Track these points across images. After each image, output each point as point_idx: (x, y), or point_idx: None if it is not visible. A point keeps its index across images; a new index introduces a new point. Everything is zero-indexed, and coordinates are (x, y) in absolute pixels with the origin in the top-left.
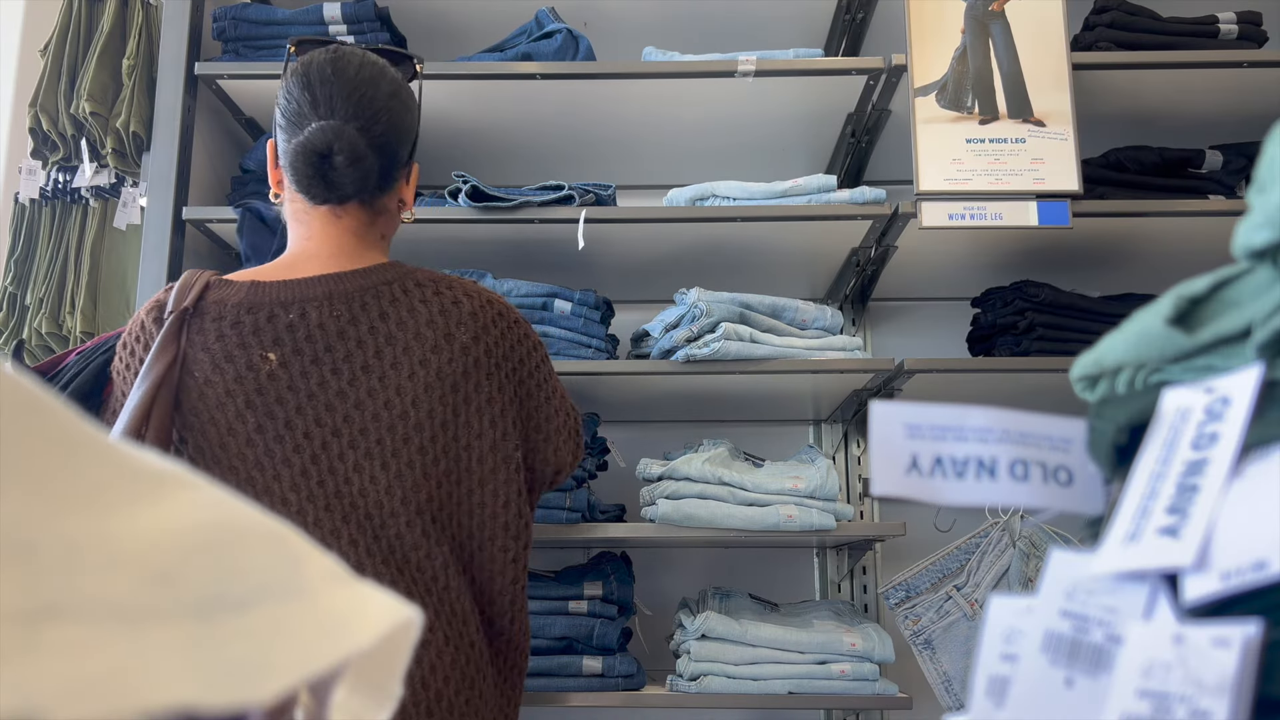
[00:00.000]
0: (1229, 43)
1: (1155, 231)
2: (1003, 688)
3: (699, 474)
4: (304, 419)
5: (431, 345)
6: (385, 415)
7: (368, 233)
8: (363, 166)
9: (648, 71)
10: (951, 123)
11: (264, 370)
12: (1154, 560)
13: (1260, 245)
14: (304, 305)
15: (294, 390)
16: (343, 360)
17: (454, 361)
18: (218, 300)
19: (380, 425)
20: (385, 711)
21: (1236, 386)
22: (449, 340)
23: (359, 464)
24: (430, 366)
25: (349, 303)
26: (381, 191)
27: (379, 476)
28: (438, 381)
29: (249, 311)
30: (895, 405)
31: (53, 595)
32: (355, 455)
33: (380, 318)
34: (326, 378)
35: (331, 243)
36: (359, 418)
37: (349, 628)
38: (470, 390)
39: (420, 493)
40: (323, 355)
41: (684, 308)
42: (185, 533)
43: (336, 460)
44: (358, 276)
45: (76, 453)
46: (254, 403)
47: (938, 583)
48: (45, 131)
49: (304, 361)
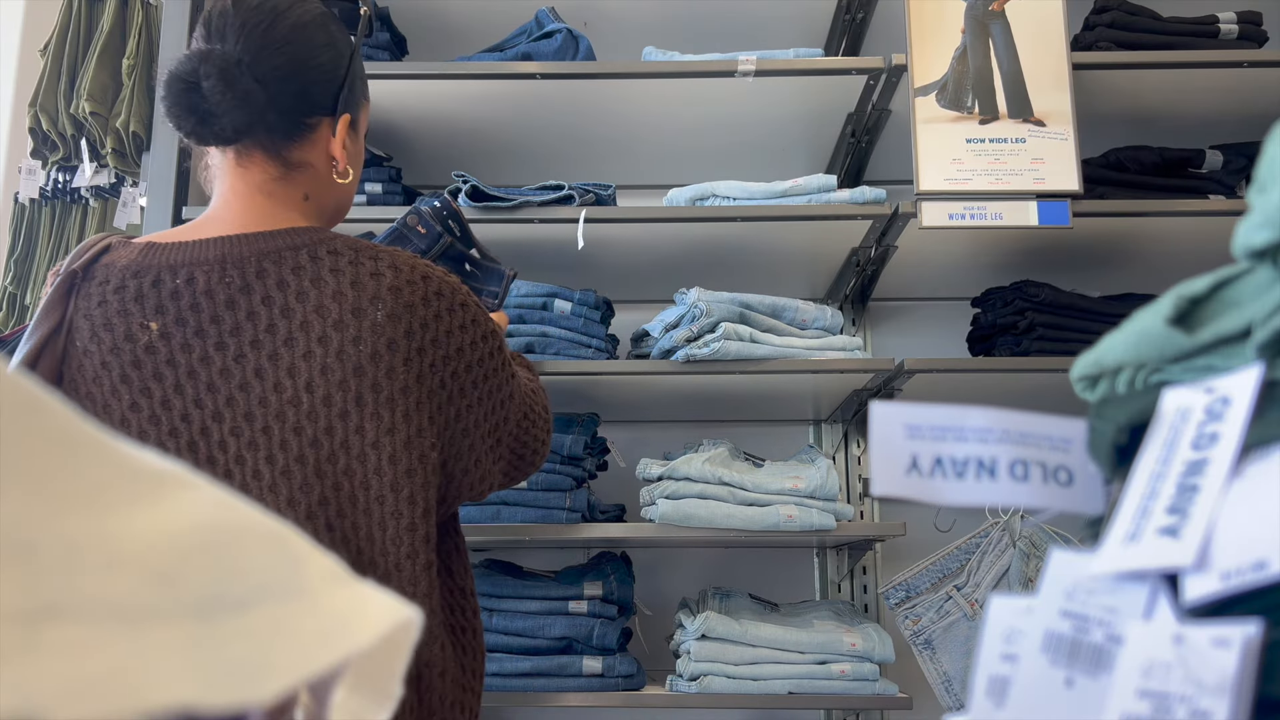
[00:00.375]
0: (1229, 43)
1: (1155, 231)
2: (1003, 688)
3: (699, 474)
4: (182, 399)
5: (334, 320)
6: (274, 400)
7: (281, 190)
8: (238, 93)
9: (648, 71)
10: (951, 122)
11: (142, 341)
12: (1154, 560)
13: (1260, 245)
14: (193, 270)
15: (173, 365)
16: (229, 334)
17: (361, 341)
18: (108, 263)
19: (267, 411)
20: (385, 711)
21: (1237, 386)
22: (357, 316)
23: (240, 455)
24: (330, 345)
25: (243, 268)
26: (288, 138)
27: (263, 471)
28: (337, 363)
29: (135, 276)
30: (895, 405)
31: (53, 595)
32: (237, 444)
33: (278, 286)
34: (210, 353)
35: (239, 201)
36: (243, 401)
37: (349, 628)
38: (380, 376)
39: (311, 493)
40: (207, 327)
41: (684, 308)
42: (185, 533)
43: (216, 450)
44: (259, 239)
45: (76, 453)
46: (129, 377)
47: (938, 583)
48: (45, 131)
49: (186, 333)
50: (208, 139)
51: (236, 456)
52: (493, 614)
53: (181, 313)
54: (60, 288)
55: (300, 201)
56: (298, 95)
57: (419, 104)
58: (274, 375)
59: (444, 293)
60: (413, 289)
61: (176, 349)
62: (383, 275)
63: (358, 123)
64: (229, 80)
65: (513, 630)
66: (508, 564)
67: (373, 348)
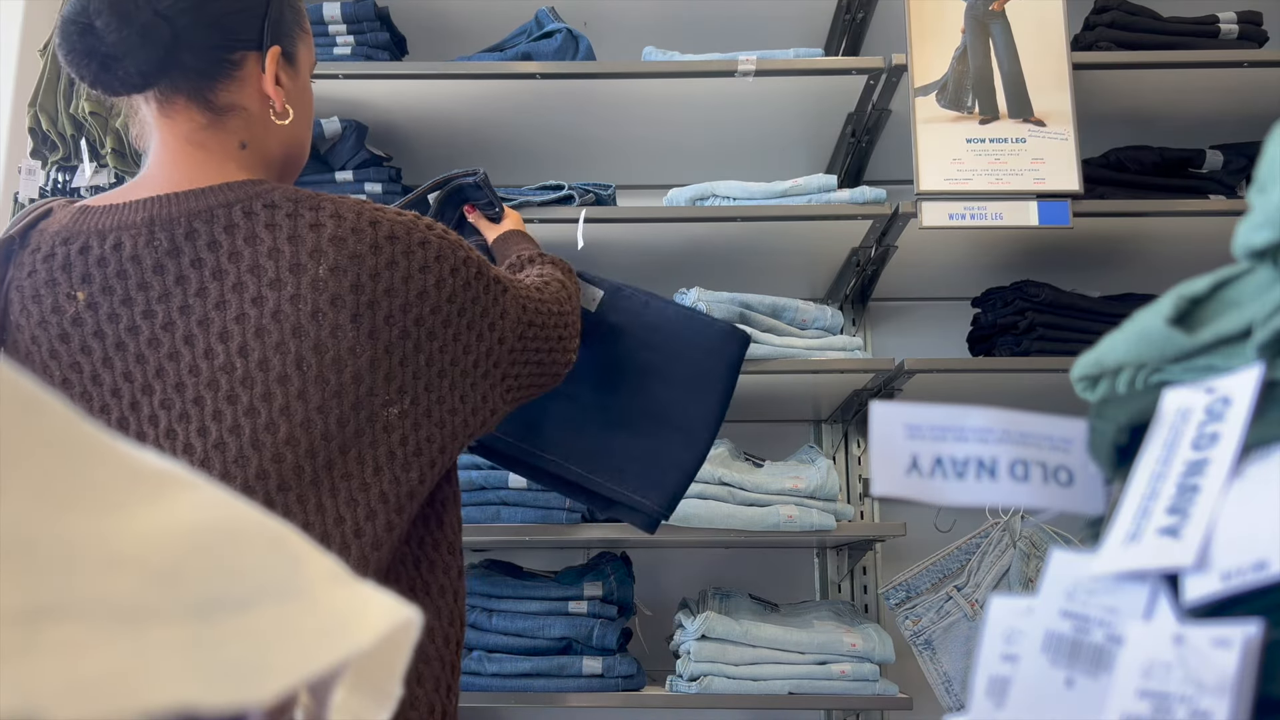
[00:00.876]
0: (1229, 42)
1: (1155, 231)
2: (1003, 688)
3: (699, 474)
4: (111, 372)
5: (270, 279)
6: (204, 367)
7: (212, 139)
8: (136, 29)
9: (648, 71)
10: (952, 122)
11: (69, 313)
12: (1154, 560)
13: (1260, 245)
14: (120, 234)
15: (100, 337)
16: (157, 300)
17: (300, 299)
18: (43, 228)
19: (199, 380)
20: (385, 712)
21: (1237, 386)
22: (296, 272)
23: (171, 428)
24: (265, 305)
25: (171, 230)
26: (210, 78)
27: (194, 444)
28: (274, 324)
29: (64, 242)
30: (895, 405)
31: (52, 595)
32: (168, 417)
33: (208, 247)
34: (137, 322)
35: (169, 155)
36: (173, 371)
37: (349, 628)
38: (323, 336)
39: (248, 466)
40: (135, 295)
41: None
42: (185, 533)
43: (146, 424)
44: (189, 198)
45: (76, 452)
46: (58, 351)
47: (938, 583)
48: (45, 131)
49: (113, 302)
50: (116, 87)
51: (167, 431)
52: (492, 614)
53: (108, 280)
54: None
55: (236, 151)
56: (211, 27)
57: (419, 104)
58: (205, 341)
59: (397, 235)
60: (359, 237)
61: (104, 319)
62: (323, 226)
63: (295, 57)
64: (123, 15)
65: (512, 630)
66: (507, 564)
67: (314, 305)
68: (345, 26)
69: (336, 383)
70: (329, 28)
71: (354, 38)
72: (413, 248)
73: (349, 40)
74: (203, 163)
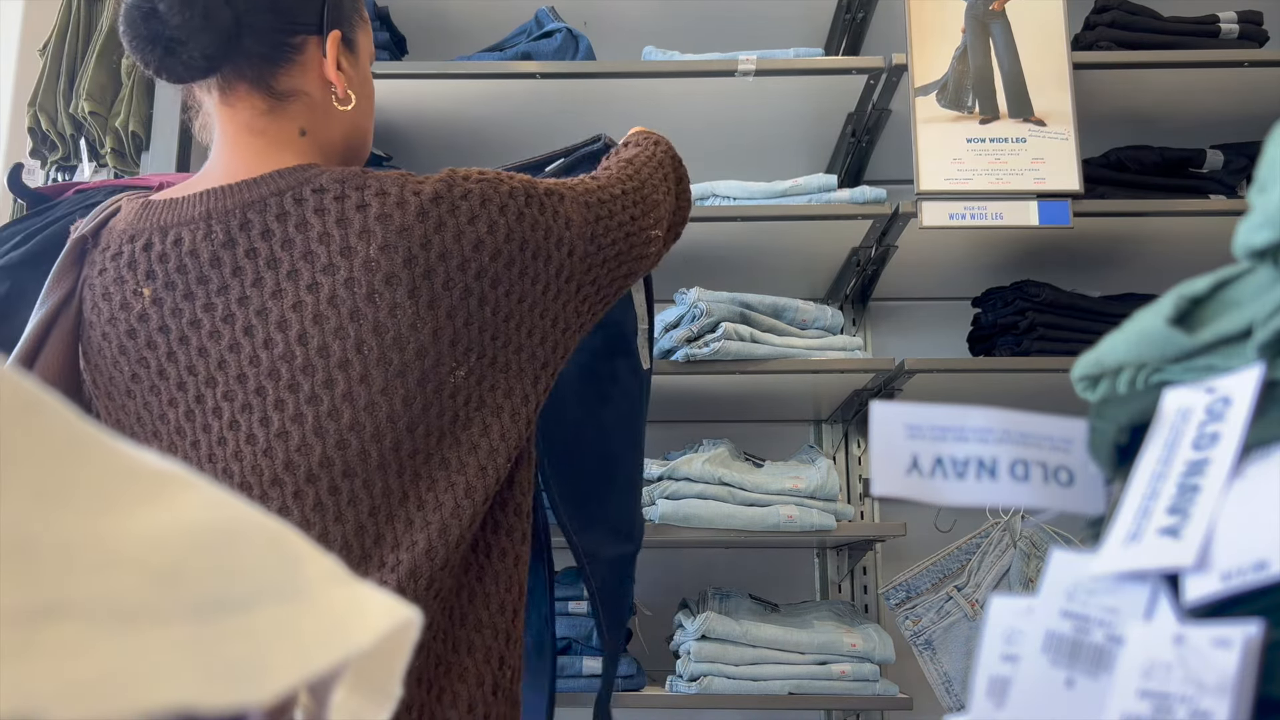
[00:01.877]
0: (1230, 42)
1: (1156, 231)
2: (1003, 688)
3: (699, 474)
4: (175, 367)
5: (324, 265)
6: (264, 357)
7: (272, 126)
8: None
9: (648, 71)
10: (952, 122)
11: (136, 309)
12: (1155, 560)
13: (1261, 245)
14: (180, 230)
15: (164, 332)
16: (216, 293)
17: (354, 283)
18: (111, 227)
19: (259, 370)
20: (385, 712)
21: (1237, 386)
22: (347, 255)
23: (234, 419)
24: (320, 291)
25: (226, 222)
26: (272, 63)
27: (257, 434)
28: (330, 310)
29: (130, 240)
30: (895, 405)
31: (52, 595)
32: (231, 409)
33: (262, 237)
34: (199, 316)
35: (228, 145)
36: (234, 362)
37: (349, 628)
38: (381, 317)
39: (311, 454)
40: (195, 289)
41: (684, 307)
42: (185, 533)
43: (210, 416)
44: (244, 189)
45: (76, 453)
46: (126, 347)
47: (938, 583)
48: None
49: (175, 297)
50: (179, 72)
51: (230, 422)
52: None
53: (169, 276)
54: (70, 254)
55: (296, 138)
56: (272, 11)
57: (419, 104)
58: (264, 331)
59: (441, 195)
60: (404, 210)
61: (167, 314)
62: (369, 206)
63: (354, 44)
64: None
65: None
66: None
67: (369, 287)
68: None
69: (400, 362)
70: None
71: None
72: (456, 202)
73: None
74: (261, 151)
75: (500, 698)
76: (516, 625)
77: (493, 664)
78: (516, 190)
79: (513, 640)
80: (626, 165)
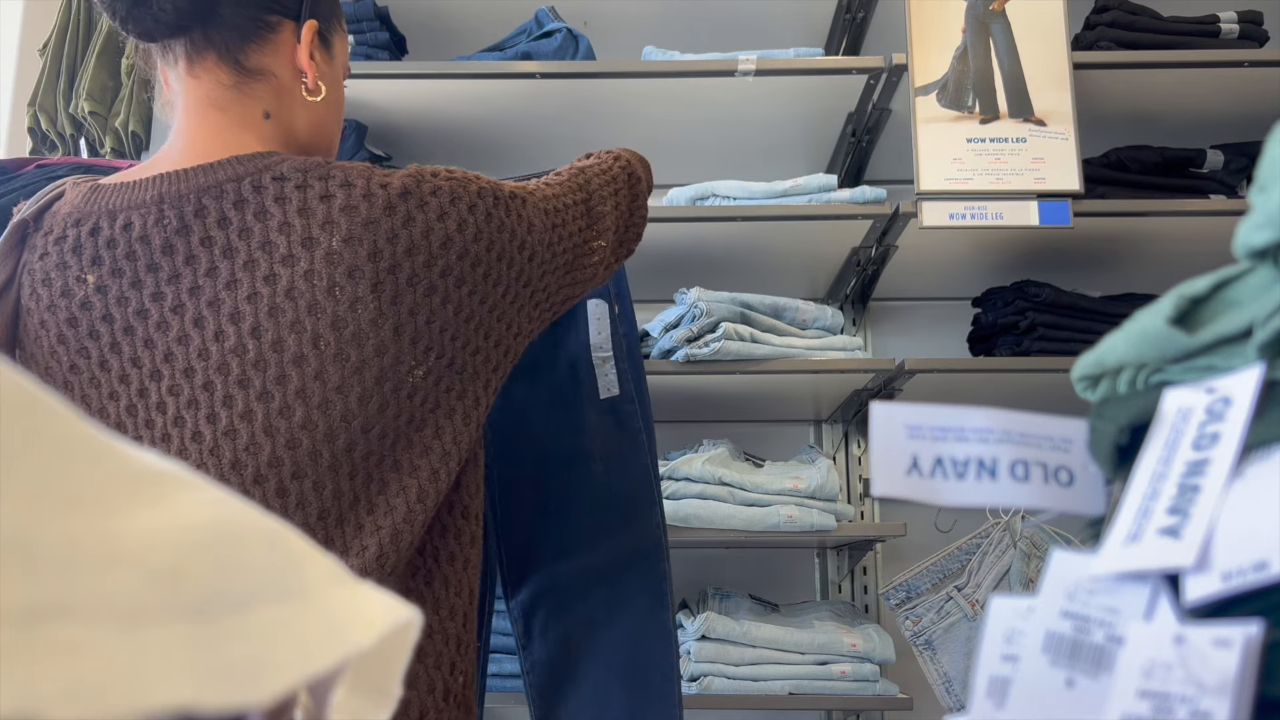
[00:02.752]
0: (1230, 42)
1: (1156, 231)
2: (1003, 688)
3: (699, 474)
4: (119, 357)
5: (283, 255)
6: (214, 350)
7: (236, 103)
8: None
9: (648, 71)
10: (952, 122)
11: (78, 296)
12: (1155, 561)
13: (1261, 245)
14: (130, 214)
15: (108, 321)
16: (166, 282)
17: (314, 275)
18: (55, 211)
19: (208, 364)
20: (385, 712)
21: (1237, 386)
22: (308, 246)
23: (179, 415)
24: (278, 283)
25: (180, 207)
26: (244, 36)
27: (203, 431)
28: (287, 302)
29: (75, 224)
30: (895, 406)
31: (51, 595)
32: (176, 404)
33: (218, 224)
34: (146, 305)
35: (189, 121)
36: (182, 355)
37: (348, 628)
38: (341, 311)
39: (260, 454)
40: (143, 276)
41: (684, 307)
42: (185, 533)
43: (154, 411)
44: (200, 173)
45: (76, 453)
46: (66, 336)
47: (938, 583)
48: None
49: (122, 285)
50: (146, 25)
51: (175, 418)
52: (495, 615)
53: (117, 262)
54: (10, 238)
55: (260, 120)
56: None
57: (419, 104)
58: (215, 323)
59: (410, 190)
60: (371, 203)
61: (112, 303)
62: (333, 196)
63: (331, 45)
64: None
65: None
66: None
67: (330, 279)
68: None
69: (358, 359)
70: None
71: (354, 37)
72: (426, 198)
73: (350, 40)
74: (222, 129)
75: (452, 703)
76: (468, 630)
77: (444, 669)
78: (485, 190)
79: (464, 645)
80: (578, 175)
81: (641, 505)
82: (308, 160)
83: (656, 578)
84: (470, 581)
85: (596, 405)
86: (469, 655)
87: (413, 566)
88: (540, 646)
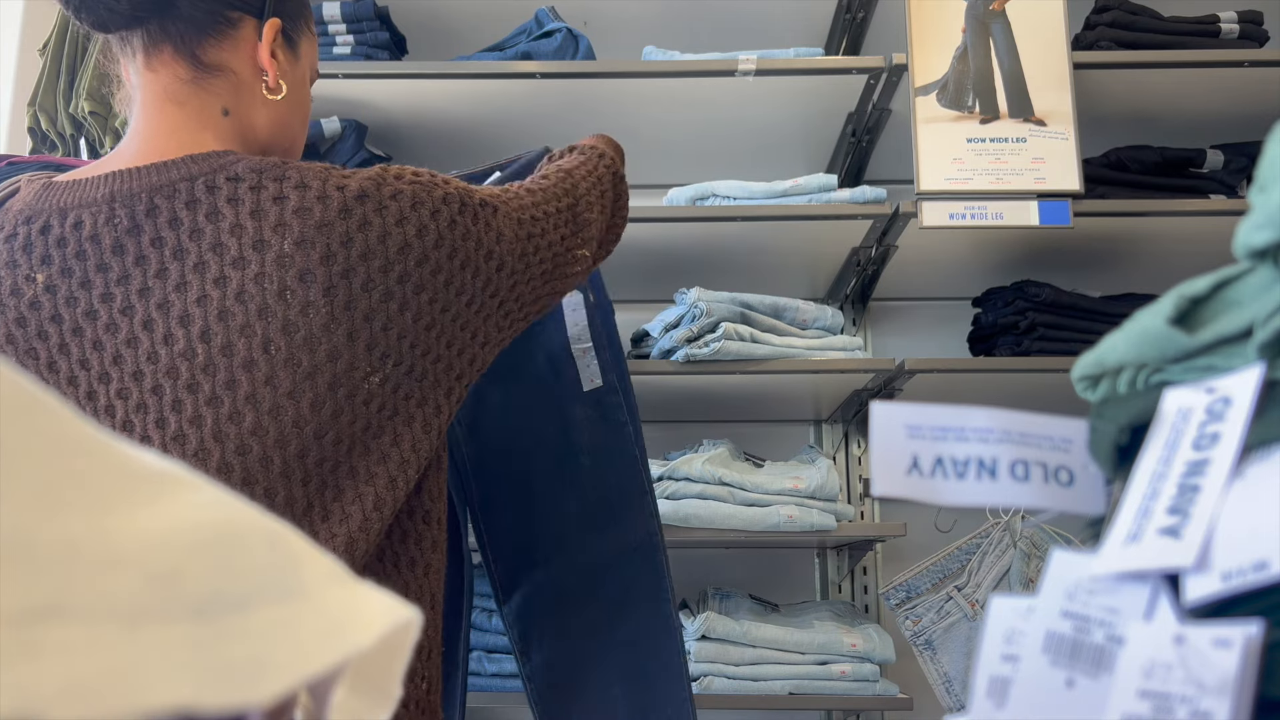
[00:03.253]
0: (1230, 42)
1: (1156, 231)
2: (1003, 688)
3: (699, 474)
4: (67, 359)
5: (234, 258)
6: (163, 353)
7: (193, 98)
8: None
9: (648, 71)
10: (952, 122)
11: (27, 295)
12: (1155, 561)
13: (1261, 245)
14: (80, 212)
15: (57, 322)
16: (116, 283)
17: (265, 278)
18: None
19: (157, 367)
20: (385, 712)
21: (1237, 387)
22: (259, 249)
23: (127, 420)
24: (228, 286)
25: (131, 206)
26: (202, 31)
27: (151, 436)
28: (238, 306)
29: (26, 221)
30: (896, 406)
31: (52, 595)
32: (124, 407)
33: (169, 225)
34: (95, 306)
35: (145, 116)
36: (131, 358)
37: (348, 628)
38: (292, 315)
39: (209, 460)
40: (93, 277)
41: (684, 307)
42: (185, 533)
43: (102, 414)
44: (153, 171)
45: (75, 452)
46: (14, 336)
47: (938, 583)
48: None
49: (71, 285)
50: (100, 15)
51: (123, 422)
52: (492, 614)
53: (66, 262)
54: None
55: (218, 117)
56: None
57: (419, 104)
58: (164, 326)
59: (366, 193)
60: (325, 205)
61: (61, 303)
62: (287, 198)
63: (296, 45)
64: None
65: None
66: None
67: (280, 283)
68: (345, 26)
69: (310, 364)
70: (329, 27)
71: (354, 37)
72: (385, 201)
73: (349, 40)
74: (179, 126)
75: (415, 710)
76: (431, 636)
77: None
78: (451, 196)
79: (425, 651)
80: (564, 179)
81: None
82: (264, 160)
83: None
84: (432, 587)
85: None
86: (434, 661)
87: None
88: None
